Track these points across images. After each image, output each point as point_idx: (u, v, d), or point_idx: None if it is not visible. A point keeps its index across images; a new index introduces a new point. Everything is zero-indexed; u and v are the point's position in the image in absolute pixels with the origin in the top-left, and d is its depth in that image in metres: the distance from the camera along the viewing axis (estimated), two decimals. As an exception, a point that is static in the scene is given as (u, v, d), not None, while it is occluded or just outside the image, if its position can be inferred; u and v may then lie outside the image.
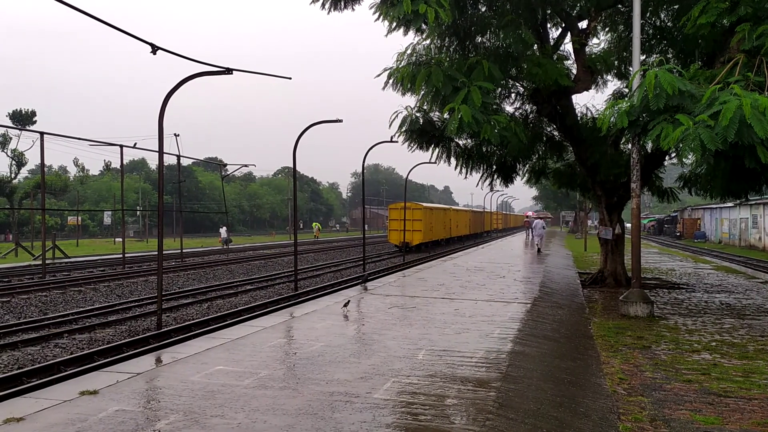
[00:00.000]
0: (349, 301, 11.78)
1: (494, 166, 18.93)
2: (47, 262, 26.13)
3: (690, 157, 10.65)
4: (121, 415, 5.33)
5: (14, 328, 13.08)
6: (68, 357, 10.51)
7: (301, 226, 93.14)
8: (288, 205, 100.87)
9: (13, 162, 54.79)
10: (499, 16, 14.81)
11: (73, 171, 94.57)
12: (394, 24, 12.35)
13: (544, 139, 19.24)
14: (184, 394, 5.95)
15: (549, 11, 16.39)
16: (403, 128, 15.94)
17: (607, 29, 17.77)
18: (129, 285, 21.66)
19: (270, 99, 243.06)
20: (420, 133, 16.39)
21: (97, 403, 5.65)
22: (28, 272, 25.95)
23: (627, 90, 14.76)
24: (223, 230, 45.37)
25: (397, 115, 15.77)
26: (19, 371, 9.49)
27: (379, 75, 14.57)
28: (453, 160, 17.68)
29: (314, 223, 74.69)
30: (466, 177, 18.63)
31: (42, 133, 24.82)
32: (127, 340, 11.83)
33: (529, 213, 72.06)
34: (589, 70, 16.53)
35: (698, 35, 12.80)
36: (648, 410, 6.36)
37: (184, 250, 35.35)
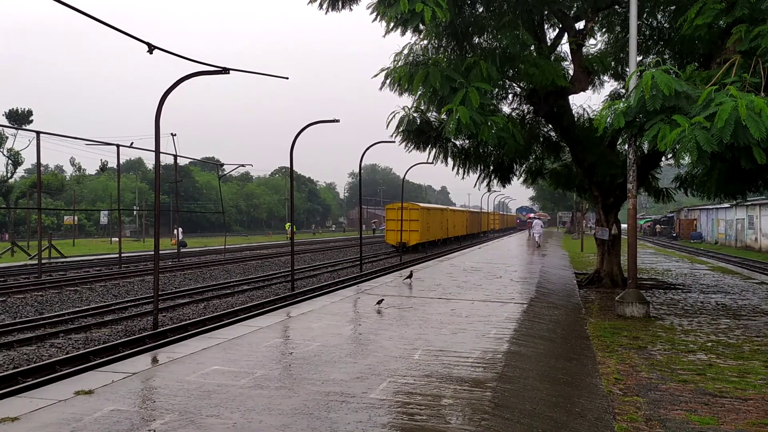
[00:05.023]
0: (382, 299, 12.12)
1: (491, 167, 18.94)
2: (43, 261, 26.05)
3: (686, 158, 10.68)
4: (116, 414, 5.31)
5: (10, 328, 13.04)
6: (64, 357, 10.48)
7: (270, 234, 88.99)
8: (285, 205, 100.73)
9: (9, 161, 54.66)
10: (497, 16, 14.82)
11: (69, 170, 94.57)
12: (392, 24, 12.34)
13: (541, 139, 19.27)
14: (179, 394, 5.94)
15: (546, 12, 16.41)
16: (401, 128, 15.95)
17: (604, 30, 17.79)
18: (125, 285, 21.62)
19: (267, 99, 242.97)
20: (417, 133, 16.39)
21: (92, 403, 5.64)
22: (24, 272, 25.89)
23: (624, 91, 14.78)
24: (178, 231, 42.54)
25: (394, 116, 15.78)
26: (14, 371, 9.46)
27: (376, 75, 14.58)
28: (450, 161, 17.69)
29: (287, 224, 72.09)
30: (463, 177, 18.66)
31: (38, 133, 24.75)
32: (123, 340, 11.81)
33: (532, 214, 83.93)
34: (586, 70, 16.55)
35: (695, 36, 12.83)
36: (643, 410, 6.37)
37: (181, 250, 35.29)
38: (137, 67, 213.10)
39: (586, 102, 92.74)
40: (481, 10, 15.65)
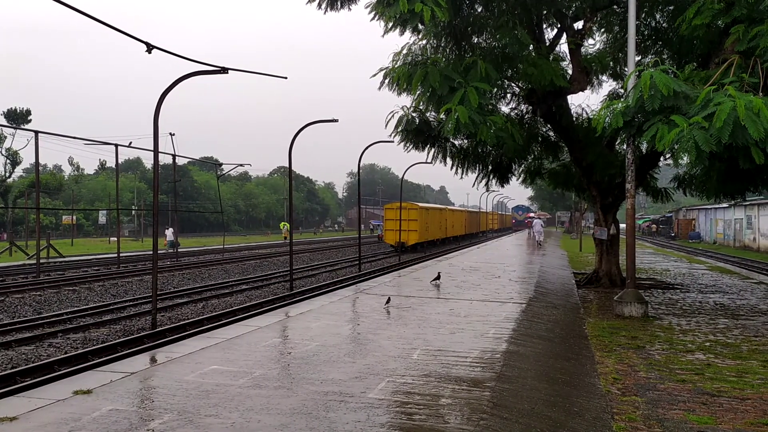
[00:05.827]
0: (389, 298, 12.18)
1: (490, 167, 18.95)
2: (42, 261, 26.03)
3: (685, 158, 10.69)
4: (114, 414, 5.31)
5: (8, 328, 13.03)
6: (62, 356, 10.48)
7: (269, 234, 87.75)
8: (284, 204, 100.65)
9: (8, 161, 54.62)
10: (495, 16, 14.83)
11: (68, 170, 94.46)
12: (391, 24, 12.33)
13: (540, 139, 19.27)
14: (178, 394, 5.94)
15: (545, 12, 16.41)
16: (399, 128, 15.95)
17: (602, 30, 17.80)
18: (124, 284, 21.61)
19: (266, 98, 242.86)
20: (416, 133, 16.40)
21: (90, 403, 5.63)
22: (22, 271, 25.86)
23: (622, 91, 14.80)
24: (169, 231, 40.36)
25: (393, 115, 15.79)
26: (12, 371, 9.46)
27: (375, 75, 14.57)
28: (449, 161, 17.70)
29: (282, 224, 69.96)
30: (462, 177, 18.70)
31: (36, 132, 24.75)
32: (121, 340, 11.80)
33: (531, 214, 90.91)
34: (584, 70, 16.56)
35: (693, 36, 12.83)
36: (642, 410, 6.38)
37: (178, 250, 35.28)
38: (136, 67, 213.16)
39: (585, 102, 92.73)
40: (479, 10, 15.65)
